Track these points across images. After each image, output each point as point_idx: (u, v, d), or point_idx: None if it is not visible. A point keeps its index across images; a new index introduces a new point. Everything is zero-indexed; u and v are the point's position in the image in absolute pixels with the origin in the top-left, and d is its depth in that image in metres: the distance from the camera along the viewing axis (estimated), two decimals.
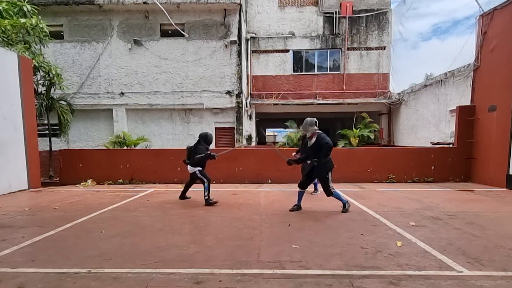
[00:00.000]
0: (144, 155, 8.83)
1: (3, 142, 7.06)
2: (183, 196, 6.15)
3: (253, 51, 14.55)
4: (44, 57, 9.28)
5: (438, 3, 11.81)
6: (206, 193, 5.58)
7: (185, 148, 6.07)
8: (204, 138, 5.71)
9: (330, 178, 4.88)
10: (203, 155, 5.52)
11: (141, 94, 12.05)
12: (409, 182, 8.27)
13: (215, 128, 12.33)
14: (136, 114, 12.30)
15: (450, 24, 10.67)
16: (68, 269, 2.84)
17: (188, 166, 5.72)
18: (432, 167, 8.34)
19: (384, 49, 14.55)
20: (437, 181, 8.25)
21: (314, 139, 4.84)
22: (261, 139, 20.90)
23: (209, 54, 11.91)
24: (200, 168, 5.65)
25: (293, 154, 5.53)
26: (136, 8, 11.58)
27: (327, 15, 14.43)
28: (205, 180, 5.60)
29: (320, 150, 4.72)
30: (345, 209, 4.97)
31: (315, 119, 4.92)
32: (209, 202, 5.56)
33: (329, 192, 4.90)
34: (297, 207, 5.15)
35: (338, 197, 4.96)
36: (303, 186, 5.11)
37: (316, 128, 4.88)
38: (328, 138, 4.83)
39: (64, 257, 3.14)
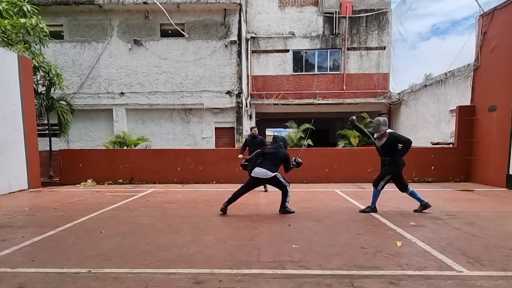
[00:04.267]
0: (144, 155, 8.83)
1: (3, 142, 7.06)
2: (226, 207, 4.95)
3: (253, 51, 14.54)
4: (44, 57, 9.27)
5: (437, 4, 11.84)
6: (288, 200, 4.96)
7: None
8: (284, 141, 5.22)
9: (387, 178, 4.83)
10: (299, 162, 5.03)
11: (141, 94, 12.04)
12: (409, 182, 8.19)
13: (215, 128, 12.33)
14: (136, 114, 12.30)
15: (449, 24, 10.71)
16: (68, 269, 2.84)
17: (261, 169, 4.84)
18: (432, 167, 8.34)
19: (384, 49, 14.54)
20: (437, 181, 8.25)
21: (384, 139, 4.78)
22: None
23: (209, 54, 11.91)
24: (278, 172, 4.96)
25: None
26: (136, 8, 11.58)
27: (327, 15, 14.42)
28: (287, 184, 4.95)
29: (392, 149, 4.71)
30: (364, 210, 4.96)
31: (386, 119, 4.86)
32: (288, 210, 4.94)
33: (376, 185, 4.89)
34: (424, 206, 4.94)
35: (375, 196, 4.94)
36: (404, 188, 4.94)
37: (387, 128, 4.81)
38: (406, 137, 4.79)
39: (64, 257, 3.14)
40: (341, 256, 3.10)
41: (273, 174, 4.83)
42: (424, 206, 4.94)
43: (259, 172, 4.84)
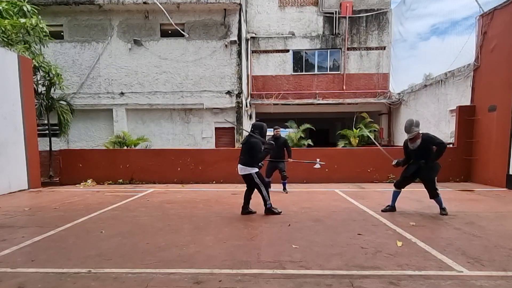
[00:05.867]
0: (144, 155, 8.83)
1: (3, 142, 7.06)
2: (246, 209, 4.91)
3: (253, 51, 14.54)
4: (44, 57, 9.27)
5: (436, 4, 11.87)
6: (269, 201, 4.77)
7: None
8: (260, 129, 4.74)
9: (436, 180, 4.77)
10: (267, 148, 4.61)
11: (141, 94, 12.04)
12: None
13: (215, 128, 12.33)
14: (136, 114, 12.29)
15: (449, 25, 10.73)
16: (68, 269, 2.84)
17: (239, 166, 4.70)
18: None
19: (384, 49, 14.54)
20: (437, 181, 8.21)
21: (418, 140, 4.69)
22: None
23: (209, 54, 11.90)
24: (257, 170, 4.66)
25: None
26: (136, 8, 11.58)
27: (327, 15, 14.42)
28: (262, 185, 4.69)
29: (427, 151, 4.65)
30: (444, 212, 4.75)
31: (418, 120, 4.77)
32: (272, 211, 4.79)
33: (435, 194, 4.74)
34: (391, 208, 4.97)
35: (440, 201, 4.79)
36: (400, 185, 4.95)
37: (419, 129, 4.69)
38: (440, 138, 4.69)
39: (64, 257, 3.14)
40: (341, 256, 3.10)
41: (247, 171, 4.59)
42: (390, 207, 4.99)
43: (239, 168, 4.71)
